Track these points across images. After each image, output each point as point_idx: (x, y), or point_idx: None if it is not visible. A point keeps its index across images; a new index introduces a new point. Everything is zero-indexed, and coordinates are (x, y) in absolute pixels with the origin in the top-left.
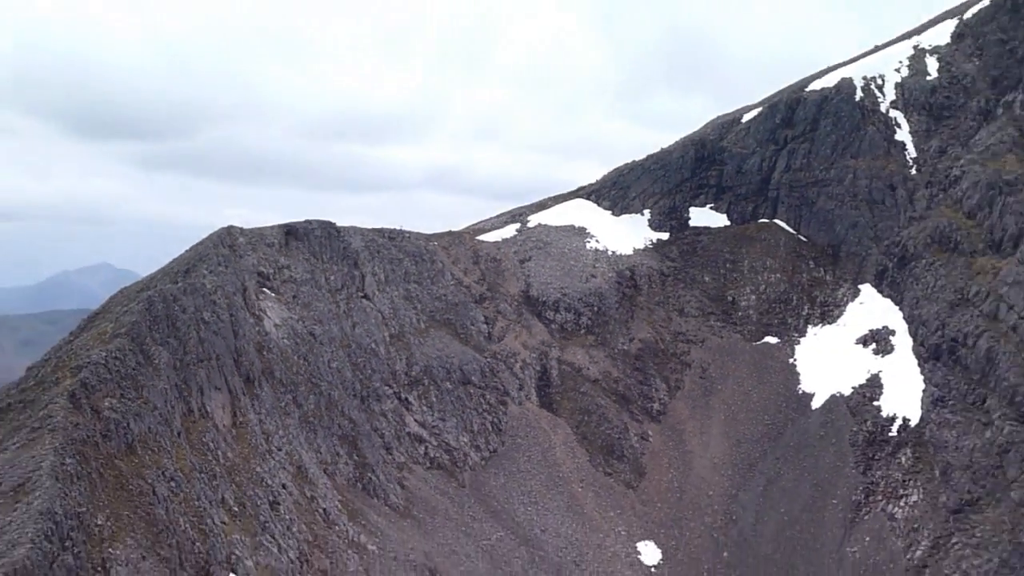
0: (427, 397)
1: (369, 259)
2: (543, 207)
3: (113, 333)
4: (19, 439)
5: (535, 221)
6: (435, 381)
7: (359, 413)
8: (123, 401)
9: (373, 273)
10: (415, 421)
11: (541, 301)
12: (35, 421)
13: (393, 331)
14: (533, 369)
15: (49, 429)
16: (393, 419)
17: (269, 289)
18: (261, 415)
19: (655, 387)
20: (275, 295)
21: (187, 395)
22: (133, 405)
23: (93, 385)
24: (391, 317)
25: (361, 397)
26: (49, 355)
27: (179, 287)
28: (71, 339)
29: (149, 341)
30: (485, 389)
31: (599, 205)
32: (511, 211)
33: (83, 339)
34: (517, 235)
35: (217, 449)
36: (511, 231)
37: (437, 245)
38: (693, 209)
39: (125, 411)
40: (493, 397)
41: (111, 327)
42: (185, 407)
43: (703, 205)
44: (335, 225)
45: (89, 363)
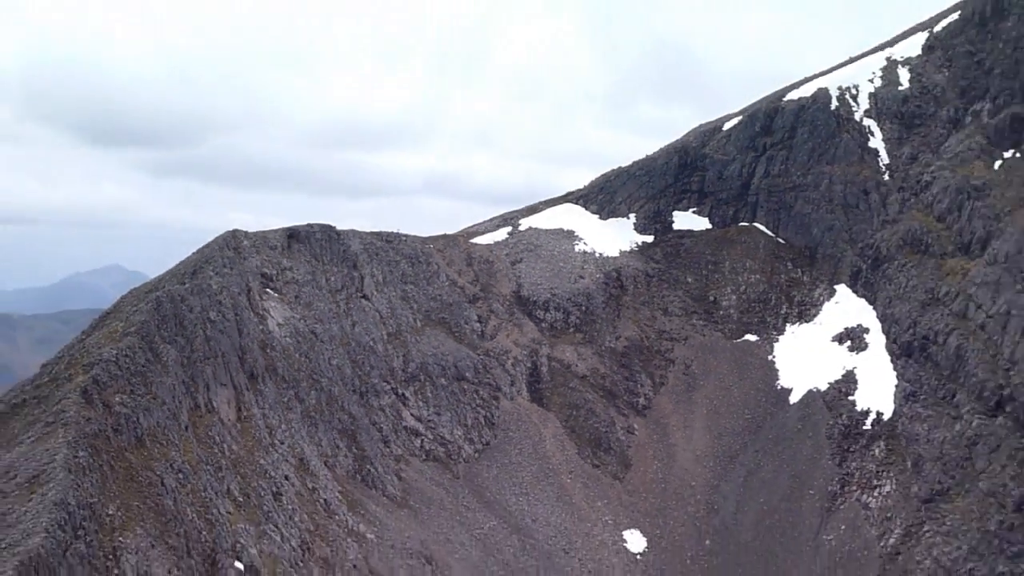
0: (423, 392)
1: (368, 261)
2: (534, 211)
3: (123, 332)
4: (34, 433)
5: (526, 225)
6: (431, 377)
7: (358, 408)
8: (133, 397)
9: (371, 274)
10: (411, 415)
11: (532, 301)
12: (49, 416)
13: (391, 330)
14: (524, 366)
15: (62, 423)
16: (391, 413)
17: (272, 290)
18: (265, 410)
19: (640, 383)
20: (278, 295)
21: (194, 391)
22: (142, 400)
23: (104, 381)
24: (389, 316)
25: (360, 393)
26: (62, 353)
27: (186, 288)
28: (83, 338)
29: (158, 339)
30: (478, 385)
31: (587, 209)
32: (503, 215)
33: (95, 338)
34: (509, 238)
35: (223, 442)
36: (503, 234)
37: (432, 248)
38: (676, 213)
39: (135, 406)
40: (486, 392)
41: (121, 326)
42: (192, 402)
43: (686, 209)
44: (335, 229)
45: (101, 360)
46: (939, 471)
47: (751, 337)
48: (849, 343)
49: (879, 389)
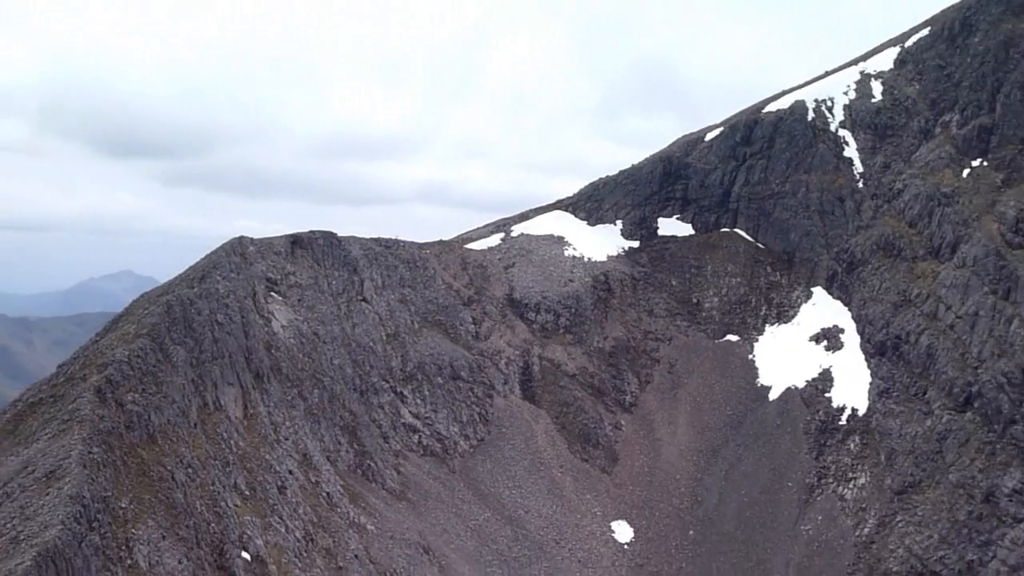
0: (420, 391)
1: (367, 266)
2: (525, 218)
3: (135, 334)
4: (51, 430)
5: (518, 231)
6: (428, 376)
7: (359, 406)
8: (144, 395)
9: (371, 278)
10: (409, 413)
11: (524, 303)
12: (65, 414)
13: (389, 331)
14: (516, 365)
15: (78, 421)
16: (390, 411)
17: (277, 293)
18: (270, 407)
19: (627, 381)
20: (282, 299)
21: (202, 390)
22: (154, 399)
23: (117, 381)
24: (387, 318)
25: (360, 391)
26: (77, 354)
27: (195, 292)
28: (97, 339)
29: (168, 341)
30: (473, 383)
31: (576, 216)
32: (496, 222)
33: (108, 339)
34: (502, 243)
35: (230, 439)
36: (496, 240)
37: (429, 253)
38: (661, 219)
39: (146, 404)
40: (480, 390)
41: (133, 328)
42: (201, 401)
43: (670, 216)
44: (336, 235)
45: (114, 361)
46: (911, 464)
47: (732, 337)
48: (825, 343)
49: (854, 386)
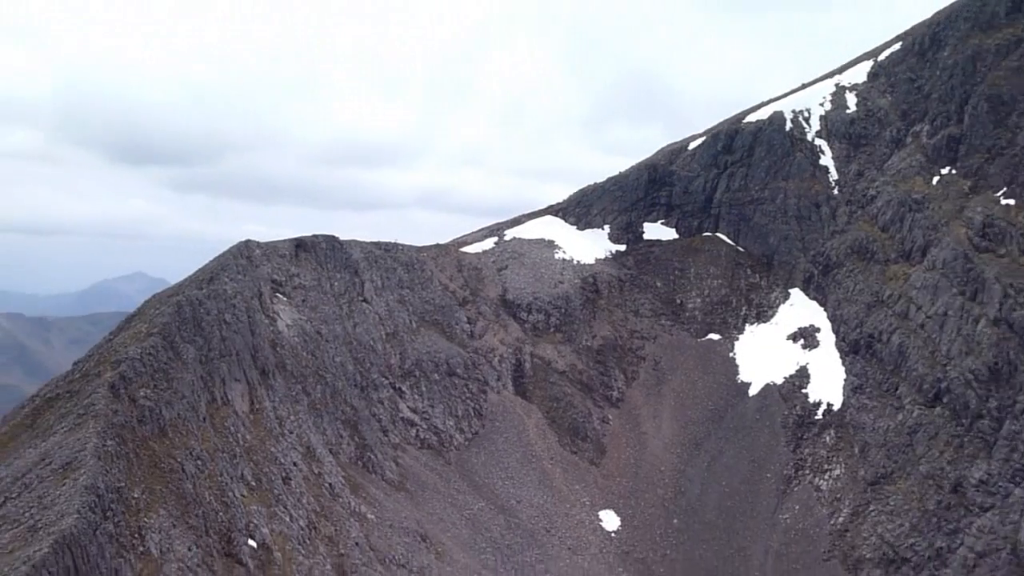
0: (418, 387)
1: (368, 268)
2: (517, 223)
3: (147, 332)
4: (67, 424)
5: (511, 235)
6: (425, 373)
7: (359, 401)
8: (156, 391)
9: (371, 280)
10: (408, 407)
11: (516, 304)
12: (80, 408)
13: (388, 330)
14: (509, 362)
15: (92, 415)
16: (389, 406)
17: (281, 294)
18: (275, 402)
19: (614, 377)
20: (287, 299)
21: (211, 385)
22: (164, 394)
23: (130, 377)
24: (387, 318)
25: (361, 387)
26: (92, 352)
27: (204, 293)
28: (111, 338)
29: (178, 339)
30: (468, 380)
31: (566, 221)
32: (490, 226)
33: (121, 338)
34: (495, 247)
35: (237, 432)
36: (490, 244)
37: (426, 256)
38: (647, 224)
39: (158, 399)
40: (475, 386)
41: (145, 327)
42: (209, 396)
43: (655, 221)
44: (338, 239)
45: (127, 358)
46: (883, 456)
47: (714, 336)
48: (802, 341)
49: (829, 383)
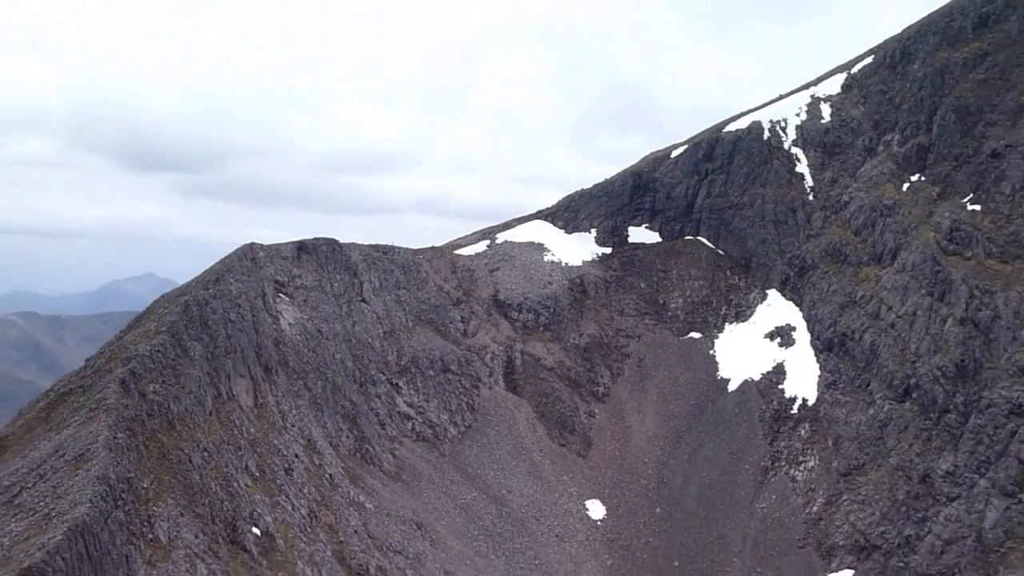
0: (414, 382)
1: (366, 269)
2: (509, 227)
3: (156, 331)
4: (80, 417)
5: (502, 238)
6: (420, 369)
7: (358, 396)
8: (164, 386)
9: (369, 281)
10: (404, 402)
11: (507, 304)
12: (92, 403)
13: (386, 328)
14: (500, 359)
15: (104, 409)
16: (386, 400)
17: (284, 294)
18: (278, 397)
19: (600, 374)
20: (289, 299)
21: (217, 381)
22: (173, 389)
23: (140, 373)
24: (384, 317)
25: (360, 383)
26: (104, 349)
27: (210, 293)
28: (122, 336)
29: (186, 337)
30: (461, 376)
31: (554, 225)
32: (483, 230)
33: (132, 336)
34: (487, 250)
35: (241, 425)
36: (483, 246)
37: (422, 258)
38: (631, 228)
39: (166, 394)
40: (468, 382)
41: (155, 326)
42: (215, 391)
43: (639, 225)
44: (338, 242)
45: (137, 355)
46: (855, 449)
47: (695, 335)
48: (779, 339)
49: (804, 379)
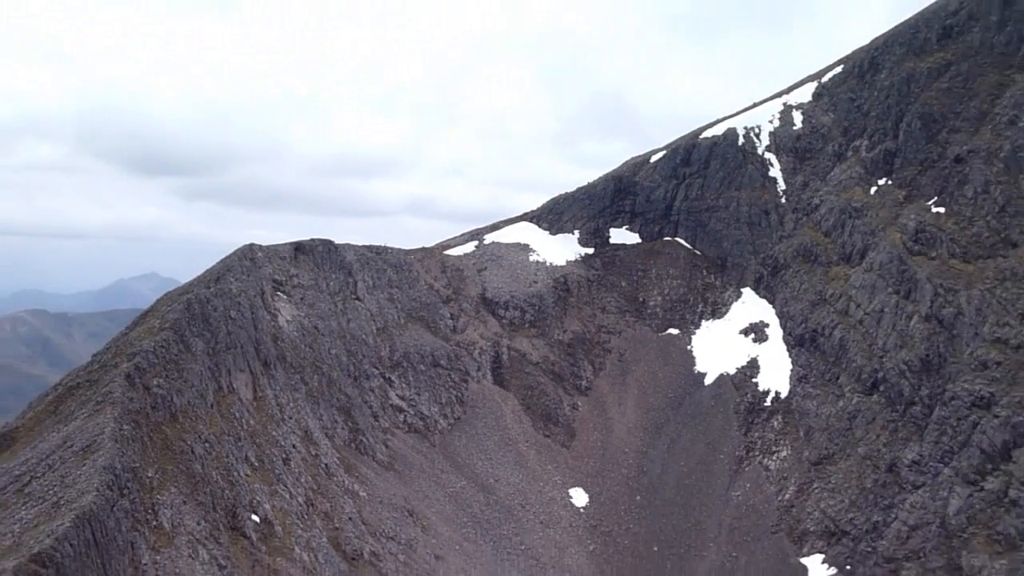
0: (406, 376)
1: (360, 269)
2: (496, 228)
3: (160, 327)
4: (87, 410)
5: (490, 239)
6: (412, 364)
7: (353, 389)
8: (168, 380)
9: (363, 280)
10: (396, 395)
11: (494, 301)
12: (99, 396)
13: (379, 325)
14: (488, 354)
15: (110, 402)
16: (379, 394)
17: (282, 293)
18: (276, 391)
19: (583, 368)
20: (287, 297)
21: (218, 375)
22: (176, 383)
23: (144, 368)
24: (377, 314)
25: (354, 377)
26: (109, 345)
27: (211, 291)
28: (127, 332)
29: (188, 333)
30: (451, 370)
31: (539, 227)
32: (471, 231)
33: (136, 332)
34: (476, 250)
35: (241, 417)
36: (471, 247)
37: (413, 258)
38: (613, 230)
39: (169, 388)
40: (457, 376)
41: (158, 323)
42: (216, 385)
43: (620, 227)
44: (333, 243)
45: (141, 351)
46: (825, 439)
47: (673, 331)
48: (753, 335)
49: (777, 373)
